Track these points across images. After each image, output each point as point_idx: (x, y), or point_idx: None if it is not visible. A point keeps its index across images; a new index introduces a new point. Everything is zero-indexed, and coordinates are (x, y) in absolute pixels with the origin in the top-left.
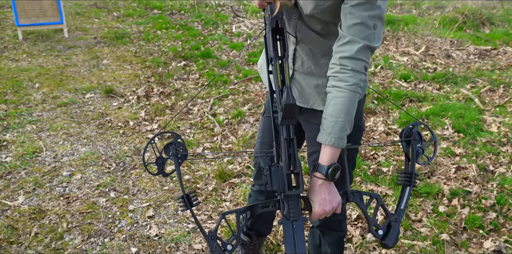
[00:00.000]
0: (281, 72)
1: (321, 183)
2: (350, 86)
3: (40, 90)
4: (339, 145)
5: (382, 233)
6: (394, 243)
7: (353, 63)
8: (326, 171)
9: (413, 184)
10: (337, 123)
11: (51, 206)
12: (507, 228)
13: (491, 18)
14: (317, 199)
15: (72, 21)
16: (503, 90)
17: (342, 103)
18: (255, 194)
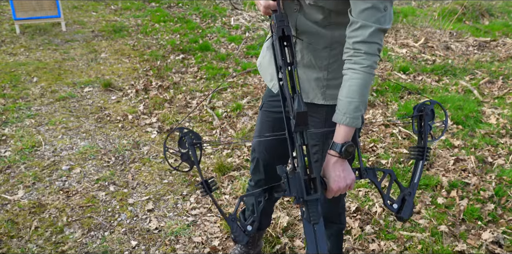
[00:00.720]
0: (290, 80)
1: (335, 160)
2: (365, 68)
3: (38, 85)
4: (353, 124)
5: (397, 206)
6: (409, 215)
7: (367, 47)
8: (340, 148)
9: (426, 158)
10: (351, 104)
11: (51, 200)
12: (505, 219)
13: (491, 10)
14: (331, 176)
15: (69, 14)
16: (502, 82)
17: (357, 84)
18: (252, 189)
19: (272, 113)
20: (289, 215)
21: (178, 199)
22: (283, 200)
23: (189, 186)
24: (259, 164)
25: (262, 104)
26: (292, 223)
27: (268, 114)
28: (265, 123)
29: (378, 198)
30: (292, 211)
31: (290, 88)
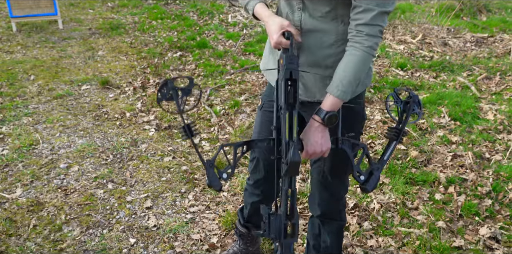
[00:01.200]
0: (289, 123)
1: (317, 125)
2: (365, 48)
3: (35, 83)
4: (343, 97)
5: (364, 178)
6: (373, 188)
7: (368, 29)
8: (324, 115)
9: (400, 140)
10: (345, 78)
11: (49, 198)
12: (502, 215)
13: (488, 6)
14: (310, 140)
15: (66, 12)
16: (499, 78)
17: (354, 61)
18: (251, 188)
19: (272, 113)
20: None
21: (177, 196)
22: None
23: (187, 183)
24: (259, 164)
25: (262, 104)
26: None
27: (268, 115)
28: (264, 123)
29: (376, 194)
30: None
31: (287, 133)
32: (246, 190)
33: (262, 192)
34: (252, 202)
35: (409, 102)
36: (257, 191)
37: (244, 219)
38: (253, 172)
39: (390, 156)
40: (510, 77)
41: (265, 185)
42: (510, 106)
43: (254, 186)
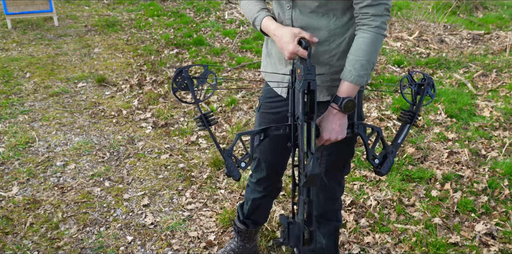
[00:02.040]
0: (308, 136)
1: (335, 112)
2: (373, 29)
3: (31, 80)
4: (357, 82)
5: (378, 162)
6: (387, 171)
7: (373, 9)
8: (341, 102)
9: (414, 123)
10: (357, 62)
11: (46, 196)
12: (498, 211)
13: (485, 3)
14: (327, 128)
15: (61, 9)
16: (495, 75)
17: (364, 43)
18: (253, 185)
19: (271, 114)
20: (284, 209)
21: (174, 194)
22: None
23: (185, 181)
24: (261, 163)
25: (260, 106)
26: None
27: (266, 116)
28: (264, 125)
29: (372, 191)
30: (287, 205)
31: (305, 144)
32: (248, 186)
33: (264, 189)
34: (254, 198)
35: (423, 84)
36: (259, 188)
37: (244, 215)
38: (255, 171)
39: (404, 139)
40: (506, 74)
41: (267, 183)
42: (506, 103)
43: (256, 183)
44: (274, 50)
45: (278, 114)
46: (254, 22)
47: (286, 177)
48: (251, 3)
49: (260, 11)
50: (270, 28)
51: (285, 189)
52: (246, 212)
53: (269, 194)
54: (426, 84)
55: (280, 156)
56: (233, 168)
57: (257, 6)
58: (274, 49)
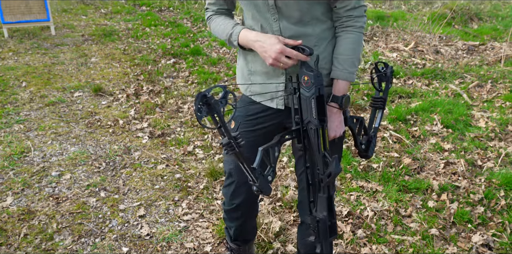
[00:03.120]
0: (323, 138)
1: (336, 111)
2: (357, 29)
3: (27, 89)
4: (350, 78)
5: (364, 147)
6: (372, 153)
7: (356, 11)
8: (340, 100)
9: (384, 108)
10: (347, 60)
11: (40, 207)
12: (494, 222)
13: (479, 14)
14: (331, 126)
15: (59, 18)
16: (491, 85)
17: (351, 42)
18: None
19: (252, 132)
20: (281, 220)
21: (170, 204)
22: (275, 204)
23: (181, 191)
24: (240, 188)
25: (238, 126)
26: (284, 228)
27: (249, 134)
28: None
29: (369, 202)
30: (284, 215)
31: (322, 146)
32: (224, 219)
33: (243, 214)
34: (236, 226)
35: (386, 73)
36: (237, 214)
37: (231, 238)
38: (232, 197)
39: (380, 122)
40: (501, 85)
41: (245, 207)
42: (501, 113)
43: (233, 210)
44: (258, 67)
45: (264, 129)
46: (230, 38)
47: (283, 187)
48: (222, 22)
49: (235, 26)
50: (250, 36)
51: (282, 200)
52: (232, 236)
53: (248, 217)
54: (389, 72)
55: None
56: (264, 185)
57: (230, 23)
58: (257, 66)
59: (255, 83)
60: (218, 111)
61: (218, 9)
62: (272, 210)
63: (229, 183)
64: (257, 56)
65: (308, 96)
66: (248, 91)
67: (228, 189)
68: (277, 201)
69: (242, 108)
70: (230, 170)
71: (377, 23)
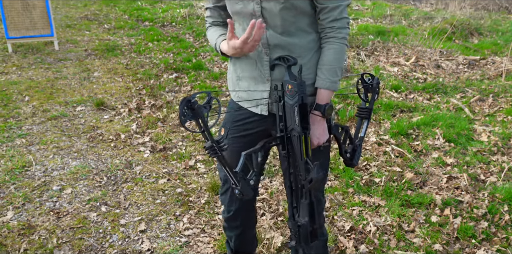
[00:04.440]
0: (305, 145)
1: (319, 119)
2: (339, 40)
3: (30, 104)
4: (332, 87)
5: (349, 156)
6: (357, 162)
7: (339, 23)
8: (323, 108)
9: (369, 118)
10: (330, 70)
11: (41, 222)
12: (499, 237)
13: (480, 29)
14: (314, 134)
15: (62, 33)
16: (492, 99)
17: (334, 53)
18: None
19: (243, 137)
20: (283, 235)
21: (171, 219)
22: (277, 219)
23: (182, 206)
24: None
25: (227, 132)
26: (286, 243)
27: (237, 140)
28: (235, 150)
29: (372, 216)
30: (286, 230)
31: (304, 153)
32: (225, 228)
33: (242, 223)
34: (236, 235)
35: (372, 84)
36: (236, 223)
37: (232, 251)
38: (229, 204)
39: (365, 132)
40: (502, 99)
41: (243, 214)
42: (503, 128)
43: (232, 218)
44: (245, 73)
45: (252, 135)
46: (215, 47)
47: (285, 202)
48: (213, 34)
49: (219, 37)
50: (224, 48)
51: (283, 215)
52: (233, 248)
53: (247, 225)
54: (375, 83)
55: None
56: (246, 188)
57: (217, 33)
58: (244, 72)
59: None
60: (202, 116)
61: (214, 21)
62: (274, 225)
63: (225, 189)
64: (243, 62)
65: (292, 104)
66: (236, 96)
67: (225, 195)
68: (279, 215)
69: (230, 115)
70: (225, 177)
71: (378, 38)
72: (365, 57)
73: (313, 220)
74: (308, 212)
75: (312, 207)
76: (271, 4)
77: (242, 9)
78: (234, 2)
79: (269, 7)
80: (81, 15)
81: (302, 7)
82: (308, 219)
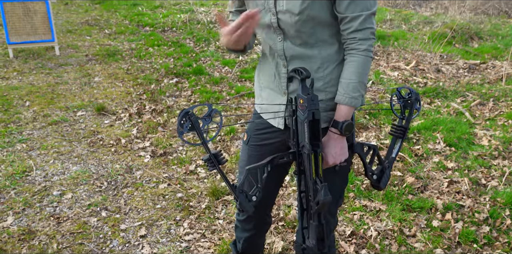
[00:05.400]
0: (315, 164)
1: (336, 137)
2: (361, 52)
3: (30, 109)
4: (352, 104)
5: (376, 177)
6: (385, 185)
7: (360, 34)
8: (341, 126)
9: (405, 137)
10: (350, 85)
11: (41, 227)
12: (500, 241)
13: (479, 33)
14: (330, 153)
15: (63, 38)
16: (492, 103)
17: (355, 66)
18: (242, 224)
19: (261, 146)
20: (284, 239)
21: (171, 224)
22: (278, 224)
23: (183, 211)
24: None
25: (248, 139)
26: (287, 248)
27: (256, 148)
28: (253, 157)
29: (373, 221)
30: (287, 235)
31: (313, 171)
32: (237, 227)
33: (255, 226)
34: (246, 237)
35: (410, 99)
36: (249, 226)
37: (238, 253)
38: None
39: (398, 153)
40: (503, 103)
41: (257, 219)
42: (504, 132)
43: (245, 221)
44: (265, 82)
45: (270, 145)
46: None
47: (285, 206)
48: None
49: None
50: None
51: (284, 219)
52: (239, 250)
53: (260, 230)
54: (413, 99)
55: (270, 189)
56: (245, 204)
57: None
58: (265, 81)
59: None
60: (198, 129)
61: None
62: (275, 229)
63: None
64: (265, 73)
65: (302, 120)
66: (258, 107)
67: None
68: (280, 220)
69: (255, 122)
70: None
71: (378, 43)
72: None
73: (322, 244)
74: (317, 235)
75: (321, 230)
76: (286, 15)
77: (260, 19)
78: None
79: (285, 19)
80: (82, 20)
81: (321, 18)
82: (315, 242)
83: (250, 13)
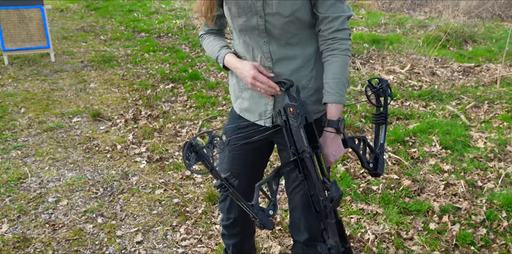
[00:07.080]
0: (319, 164)
1: (333, 136)
2: (342, 52)
3: (25, 115)
4: (342, 101)
5: (372, 165)
6: (383, 170)
7: (341, 34)
8: (337, 124)
9: (386, 122)
10: (338, 83)
11: (36, 234)
12: (498, 243)
13: (474, 36)
14: (330, 152)
15: (59, 45)
16: (487, 106)
17: (339, 65)
18: (228, 230)
19: (244, 145)
20: (281, 244)
21: (168, 230)
22: (275, 229)
23: (179, 216)
24: (233, 202)
25: (228, 141)
26: (284, 252)
27: (239, 147)
28: (236, 157)
29: (370, 225)
30: (283, 240)
31: (319, 171)
32: (223, 235)
33: (242, 230)
34: (234, 243)
35: (382, 87)
36: (236, 230)
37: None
38: (228, 212)
39: (385, 138)
40: (498, 105)
41: (243, 223)
42: (499, 134)
43: (231, 226)
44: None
45: (253, 143)
46: (217, 59)
47: (282, 211)
48: (211, 44)
49: (221, 49)
50: (232, 62)
51: (281, 224)
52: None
53: (246, 234)
54: (385, 86)
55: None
56: (265, 220)
57: (218, 45)
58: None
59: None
60: (207, 157)
61: (209, 30)
62: (272, 234)
63: (225, 197)
64: None
65: (297, 127)
66: (238, 108)
67: (224, 203)
68: (276, 225)
69: (233, 122)
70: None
71: (373, 47)
72: (360, 65)
73: (344, 240)
74: (337, 232)
75: (340, 226)
76: (275, 18)
77: (245, 22)
78: (237, 15)
79: (273, 21)
80: (78, 27)
81: (305, 19)
82: (337, 239)
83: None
